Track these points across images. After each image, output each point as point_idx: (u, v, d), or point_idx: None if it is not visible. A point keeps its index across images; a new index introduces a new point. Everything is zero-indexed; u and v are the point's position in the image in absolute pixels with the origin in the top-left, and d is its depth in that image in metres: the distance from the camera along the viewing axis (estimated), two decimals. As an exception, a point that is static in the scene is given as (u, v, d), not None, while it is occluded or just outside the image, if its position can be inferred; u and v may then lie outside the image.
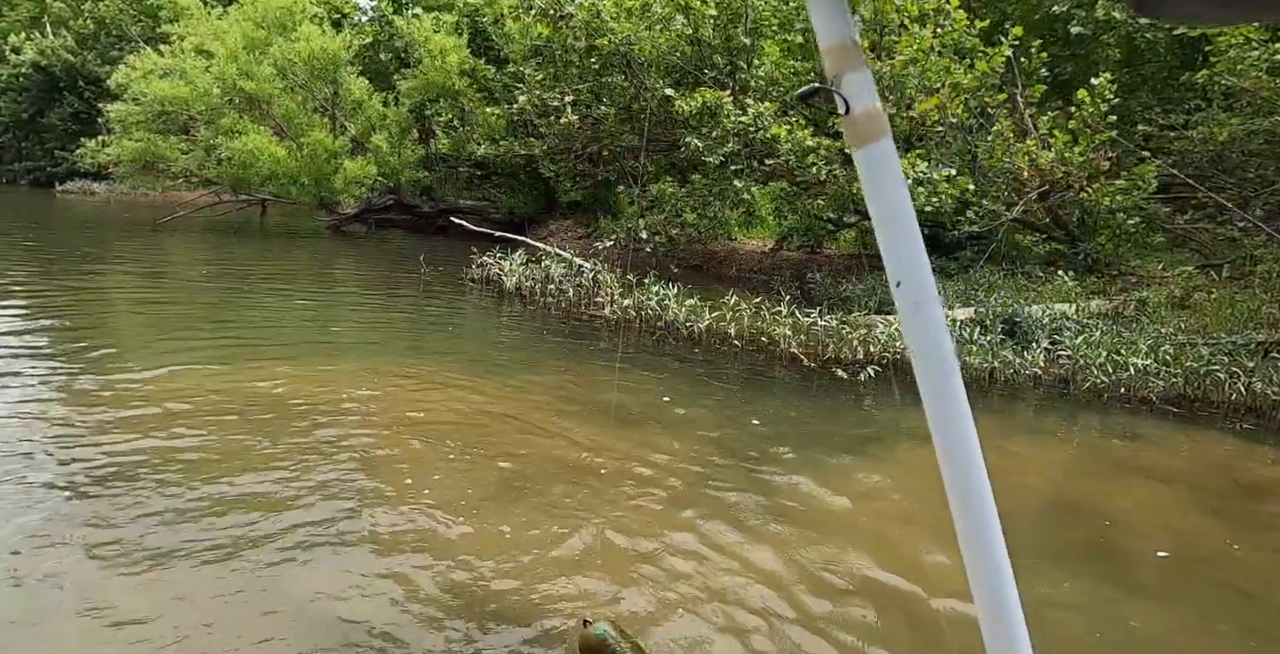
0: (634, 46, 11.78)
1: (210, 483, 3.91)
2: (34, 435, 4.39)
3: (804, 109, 11.41)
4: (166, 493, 3.79)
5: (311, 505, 3.73)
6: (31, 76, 32.99)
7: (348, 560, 3.29)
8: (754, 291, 10.19)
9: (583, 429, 5.09)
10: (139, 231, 17.48)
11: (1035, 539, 3.99)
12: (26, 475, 3.86)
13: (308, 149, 17.18)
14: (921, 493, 4.35)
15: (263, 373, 5.91)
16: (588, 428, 5.11)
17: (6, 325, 7.04)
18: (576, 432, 5.04)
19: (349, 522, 3.62)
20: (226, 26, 18.05)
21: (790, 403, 6.34)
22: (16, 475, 3.85)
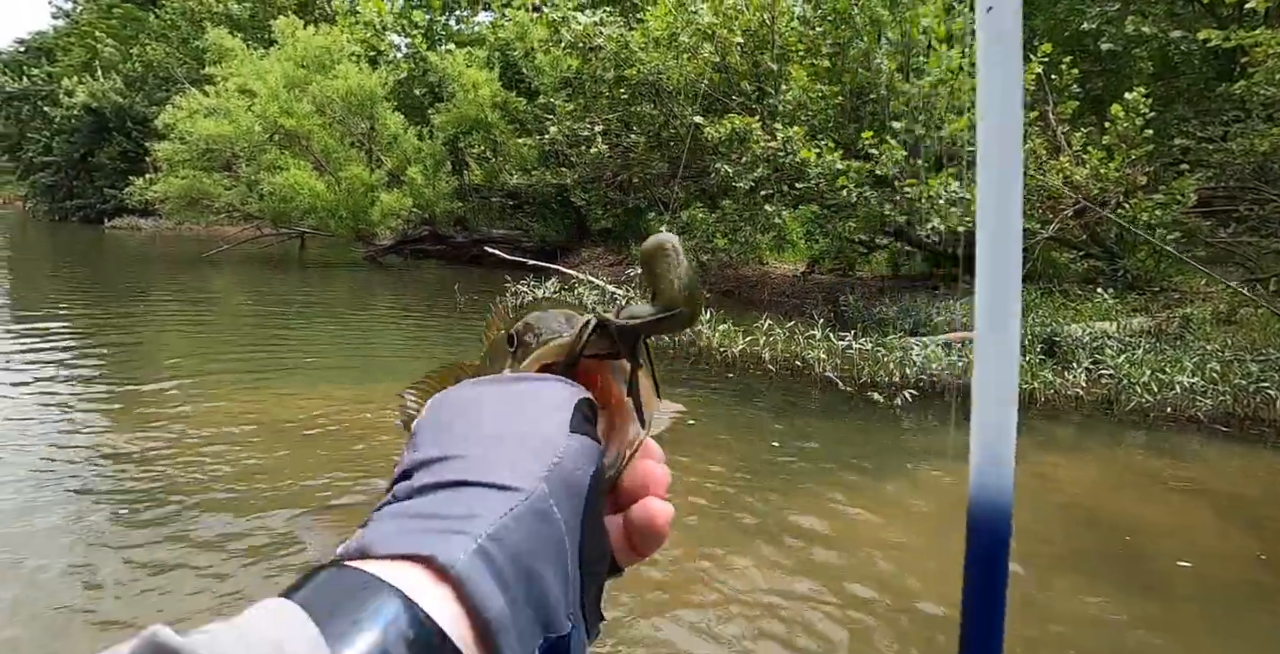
0: (662, 75, 11.96)
1: (247, 500, 4.07)
2: (82, 454, 4.63)
3: (833, 132, 11.46)
4: (209, 508, 3.95)
5: (343, 522, 3.80)
6: (83, 118, 34.38)
7: None
8: (787, 315, 10.17)
9: None
10: (184, 265, 18.02)
11: (1067, 555, 3.92)
12: (72, 490, 4.08)
13: (346, 183, 17.62)
14: (949, 516, 4.28)
15: (302, 396, 6.12)
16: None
17: (62, 353, 7.43)
18: None
19: None
20: (268, 66, 18.66)
21: (823, 427, 6.30)
22: (63, 490, 4.06)
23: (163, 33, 34.47)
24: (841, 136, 11.39)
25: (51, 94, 35.97)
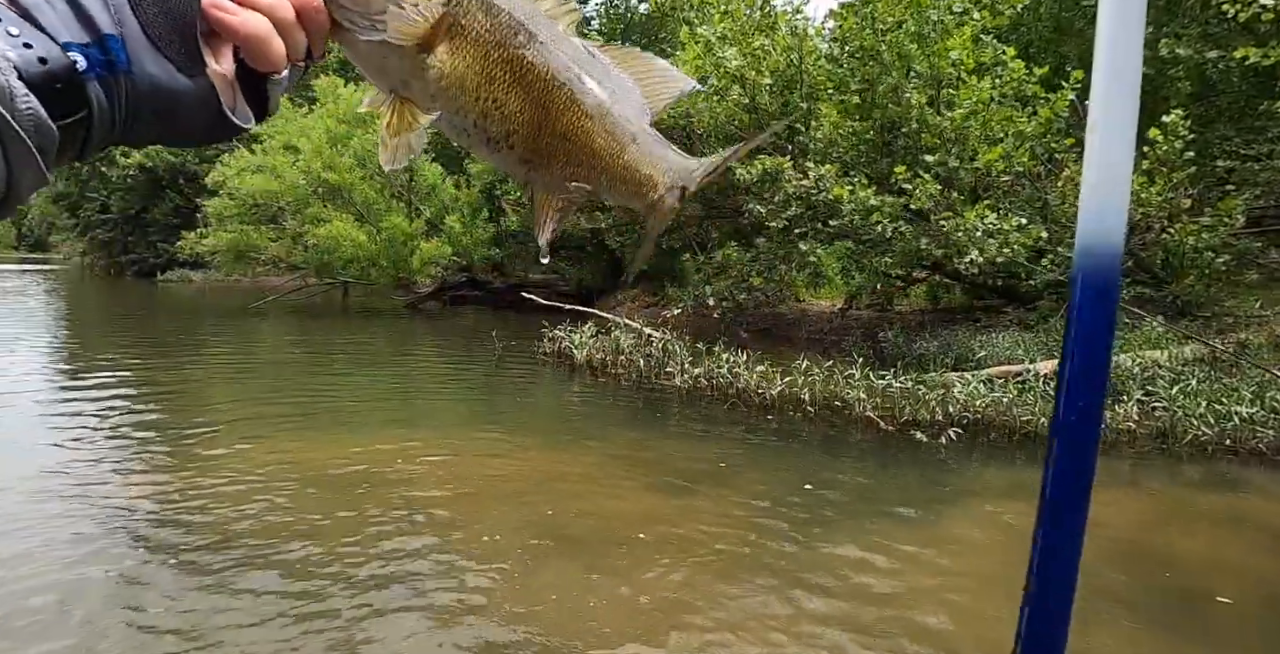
0: (693, 118, 12.12)
1: (291, 544, 4.14)
2: (134, 499, 4.79)
3: (865, 168, 11.45)
4: (253, 554, 4.02)
5: (383, 563, 3.93)
6: (138, 177, 35.86)
7: (413, 616, 3.47)
8: (825, 353, 10.06)
9: (647, 497, 5.11)
10: (233, 316, 18.51)
11: (1103, 589, 3.74)
12: (123, 537, 4.19)
13: (386, 233, 18.06)
14: (992, 557, 4.13)
15: (344, 441, 6.24)
16: (652, 496, 5.12)
17: (117, 401, 7.62)
18: (640, 499, 5.08)
19: (416, 578, 3.84)
20: (311, 124, 19.36)
21: (863, 468, 6.17)
22: (115, 536, 4.17)
23: (213, 95, 35.92)
24: (874, 172, 11.38)
25: (109, 154, 37.60)
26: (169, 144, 0.54)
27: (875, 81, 10.80)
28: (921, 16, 10.22)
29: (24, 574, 3.76)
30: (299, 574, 3.84)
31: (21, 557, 3.95)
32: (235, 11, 0.47)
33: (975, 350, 9.56)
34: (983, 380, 7.63)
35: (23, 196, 0.43)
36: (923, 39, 10.39)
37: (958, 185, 10.13)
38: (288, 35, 0.50)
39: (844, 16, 11.23)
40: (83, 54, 0.43)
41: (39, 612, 3.42)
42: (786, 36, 11.76)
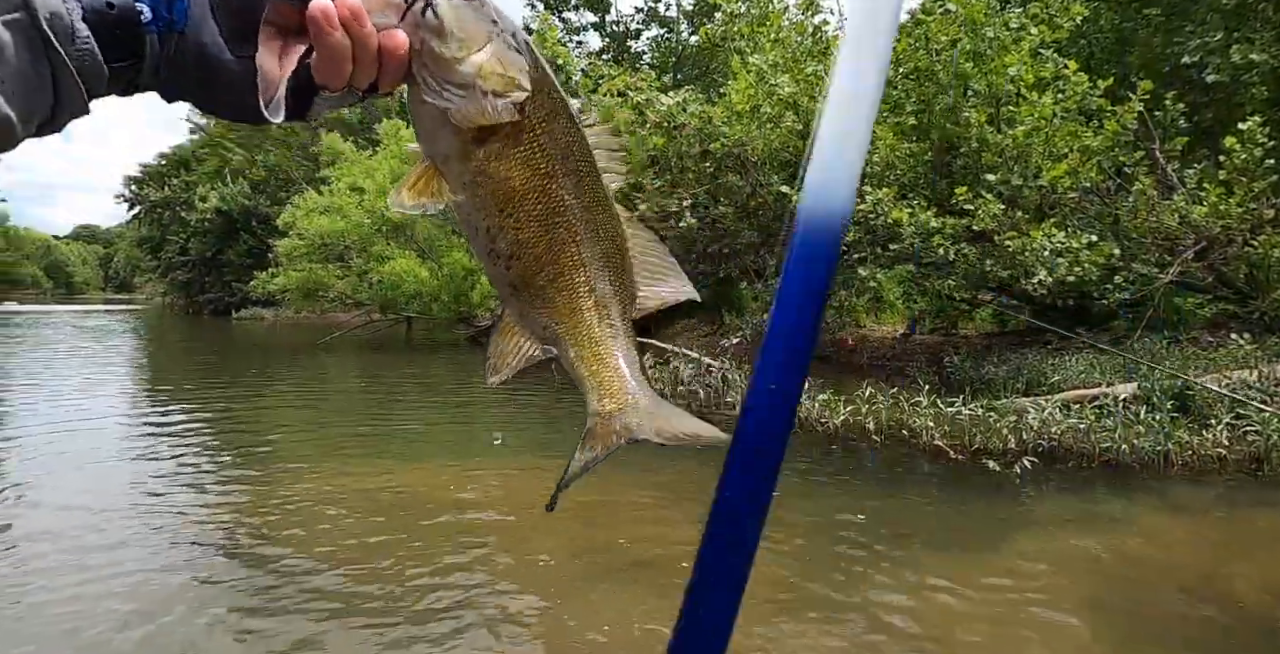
0: (746, 146, 12.12)
1: (353, 561, 4.32)
2: (207, 523, 5.06)
3: (924, 190, 11.25)
4: (315, 571, 4.22)
5: (438, 582, 4.03)
6: (214, 220, 37.61)
7: (463, 636, 3.54)
8: (889, 380, 9.83)
9: (698, 525, 5.02)
10: (302, 351, 19.12)
11: (1161, 617, 3.50)
12: (196, 551, 4.43)
13: (447, 268, 18.47)
14: (1062, 589, 3.92)
15: (407, 467, 6.47)
16: (702, 524, 5.02)
17: (194, 432, 8.07)
18: (692, 527, 5.01)
19: (468, 598, 3.94)
20: (375, 165, 20.04)
21: (928, 498, 5.96)
22: (188, 551, 4.44)
23: (283, 140, 37.66)
24: (933, 193, 11.17)
25: (188, 200, 39.60)
26: (201, 108, 0.55)
27: (931, 102, 10.65)
28: (977, 34, 10.06)
29: (113, 587, 4.02)
30: (358, 591, 3.99)
31: (111, 567, 4.29)
32: (333, 28, 0.49)
33: (1047, 374, 9.22)
34: (1058, 406, 7.32)
35: (61, 125, 0.46)
36: (979, 57, 10.23)
37: (1022, 204, 9.86)
38: (361, 65, 0.52)
39: (897, 38, 11.15)
40: (150, 6, 0.45)
41: (121, 618, 3.67)
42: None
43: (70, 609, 3.76)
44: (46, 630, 3.58)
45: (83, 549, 4.60)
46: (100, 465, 6.83)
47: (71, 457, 7.07)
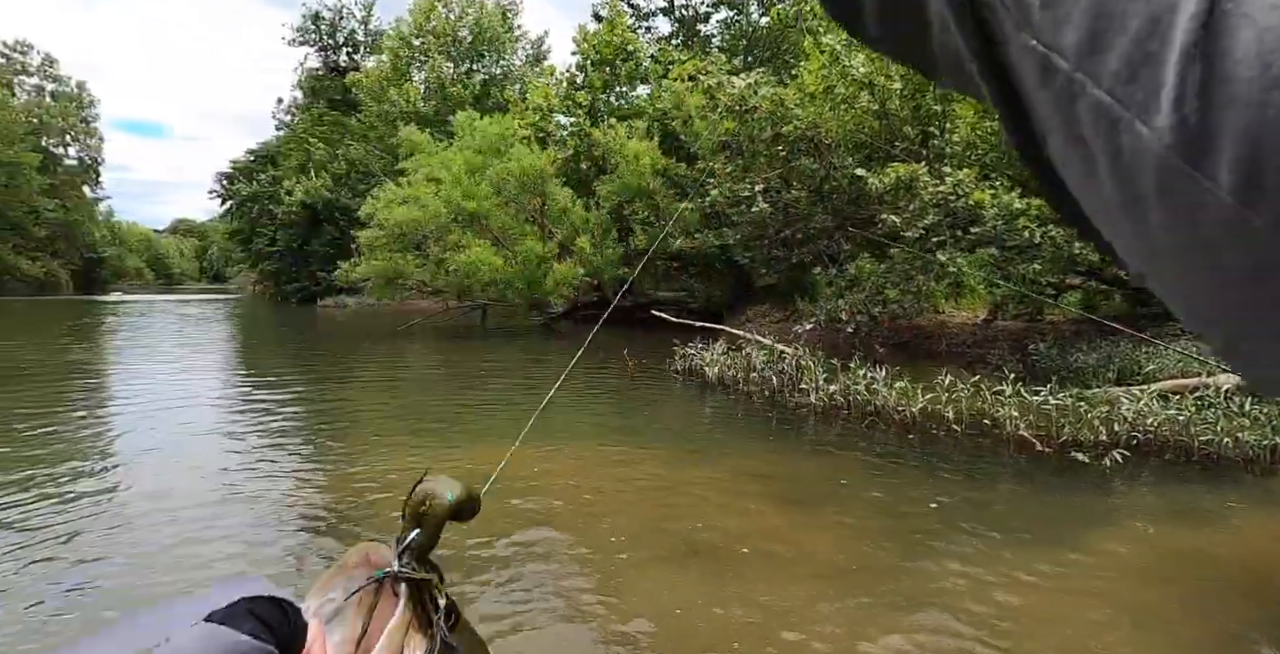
0: (820, 129, 11.87)
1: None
2: (293, 495, 5.31)
3: (1008, 169, 10.81)
4: None
5: (508, 559, 4.08)
6: (300, 213, 39.08)
7: (531, 613, 3.63)
8: (969, 368, 9.52)
9: (768, 511, 5.01)
10: (383, 337, 19.73)
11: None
12: (277, 522, 4.57)
13: (521, 256, 18.74)
14: (1143, 584, 3.71)
15: (481, 448, 6.56)
16: (773, 510, 4.98)
17: (283, 410, 8.53)
18: (761, 513, 5.01)
19: (538, 577, 4.05)
20: (451, 156, 20.43)
21: (1007, 489, 5.74)
22: (270, 521, 4.60)
23: (363, 134, 38.79)
24: (1018, 173, 10.72)
25: (275, 194, 41.21)
26: None
27: (1017, 79, 10.20)
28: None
29: (204, 539, 4.35)
30: None
31: (202, 523, 4.67)
32: None
33: (1142, 363, 8.77)
34: (1154, 396, 6.95)
35: None
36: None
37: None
38: None
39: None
40: None
41: (208, 569, 3.88)
42: (917, 39, 11.31)
43: (167, 558, 4.21)
44: (147, 574, 4.00)
45: (178, 508, 5.07)
46: (197, 437, 7.39)
47: (173, 428, 7.73)
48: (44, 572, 4.00)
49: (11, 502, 5.14)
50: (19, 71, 65.57)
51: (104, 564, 4.15)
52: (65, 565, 4.10)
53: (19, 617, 3.50)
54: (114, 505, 5.19)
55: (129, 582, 3.93)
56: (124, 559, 4.22)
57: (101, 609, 3.64)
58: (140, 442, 7.17)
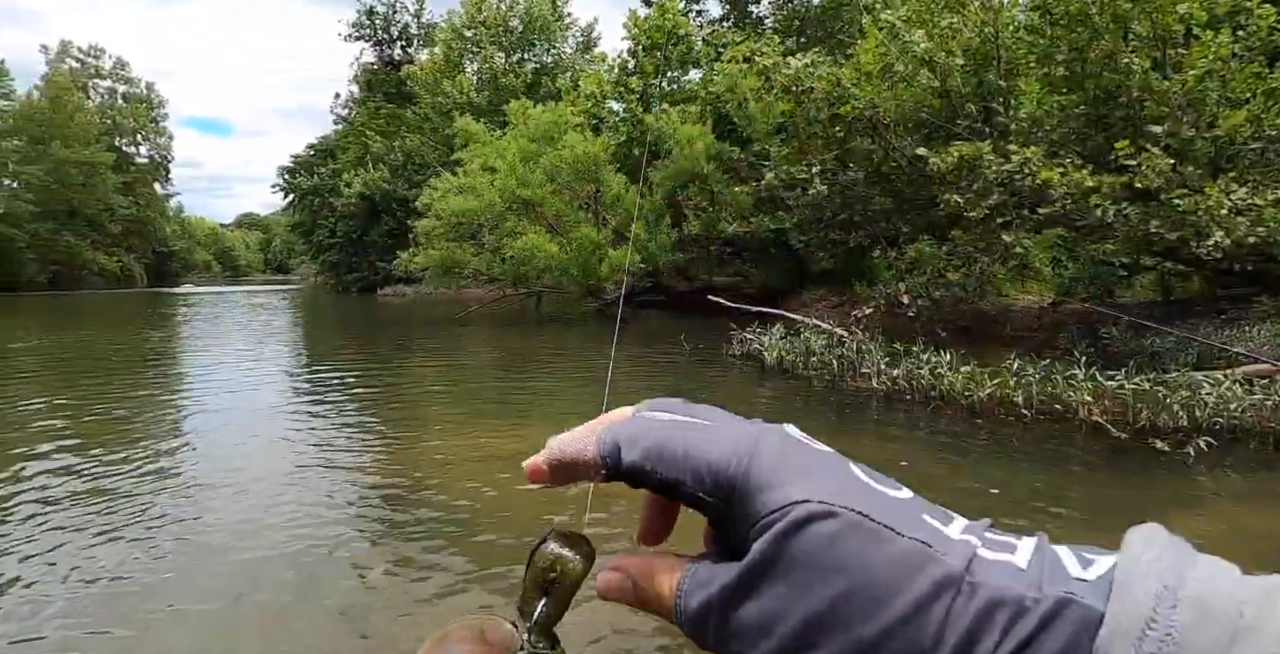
0: (878, 108, 11.59)
1: (482, 514, 4.57)
2: (354, 474, 5.54)
3: (1077, 146, 10.40)
4: (448, 523, 4.49)
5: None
6: (358, 204, 39.95)
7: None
8: (1036, 352, 9.23)
9: None
10: (441, 324, 20.09)
11: None
12: (346, 505, 4.73)
13: (576, 243, 18.81)
14: None
15: (536, 431, 6.58)
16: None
17: (344, 393, 8.81)
18: None
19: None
20: (505, 144, 20.59)
21: (1088, 479, 5.55)
22: (338, 504, 4.68)
23: (418, 126, 39.38)
24: (1088, 150, 10.31)
25: (335, 186, 42.19)
26: None
27: (1085, 49, 9.78)
28: (1139, -30, 9.13)
29: (271, 514, 4.51)
30: (486, 536, 4.25)
31: (269, 496, 4.86)
32: None
33: (1227, 345, 8.38)
34: (1237, 381, 6.64)
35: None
36: (1141, -4, 9.28)
37: (1193, 157, 8.95)
38: None
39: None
40: None
41: (275, 540, 4.24)
42: (979, 11, 10.93)
43: (235, 529, 4.42)
44: (217, 542, 4.23)
45: (246, 482, 5.35)
46: (268, 415, 7.84)
47: (243, 409, 8.20)
48: (140, 535, 4.18)
49: (106, 472, 5.45)
50: (92, 75, 68.27)
51: (185, 527, 4.41)
52: (153, 528, 4.34)
53: (124, 564, 3.70)
54: (192, 477, 5.50)
55: (209, 541, 4.13)
56: (204, 524, 4.45)
57: (185, 562, 3.92)
58: (216, 419, 7.66)
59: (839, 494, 0.35)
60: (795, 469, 0.36)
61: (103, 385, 9.86)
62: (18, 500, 4.92)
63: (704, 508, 0.38)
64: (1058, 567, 0.32)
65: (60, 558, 3.98)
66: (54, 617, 3.33)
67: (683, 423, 0.40)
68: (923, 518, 0.35)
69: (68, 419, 7.58)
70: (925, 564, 0.32)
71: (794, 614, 0.33)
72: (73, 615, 3.34)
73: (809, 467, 0.36)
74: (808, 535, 0.34)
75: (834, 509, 0.34)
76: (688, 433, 0.39)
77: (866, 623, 0.32)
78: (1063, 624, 0.29)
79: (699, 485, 0.37)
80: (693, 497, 0.38)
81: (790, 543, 0.34)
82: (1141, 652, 0.27)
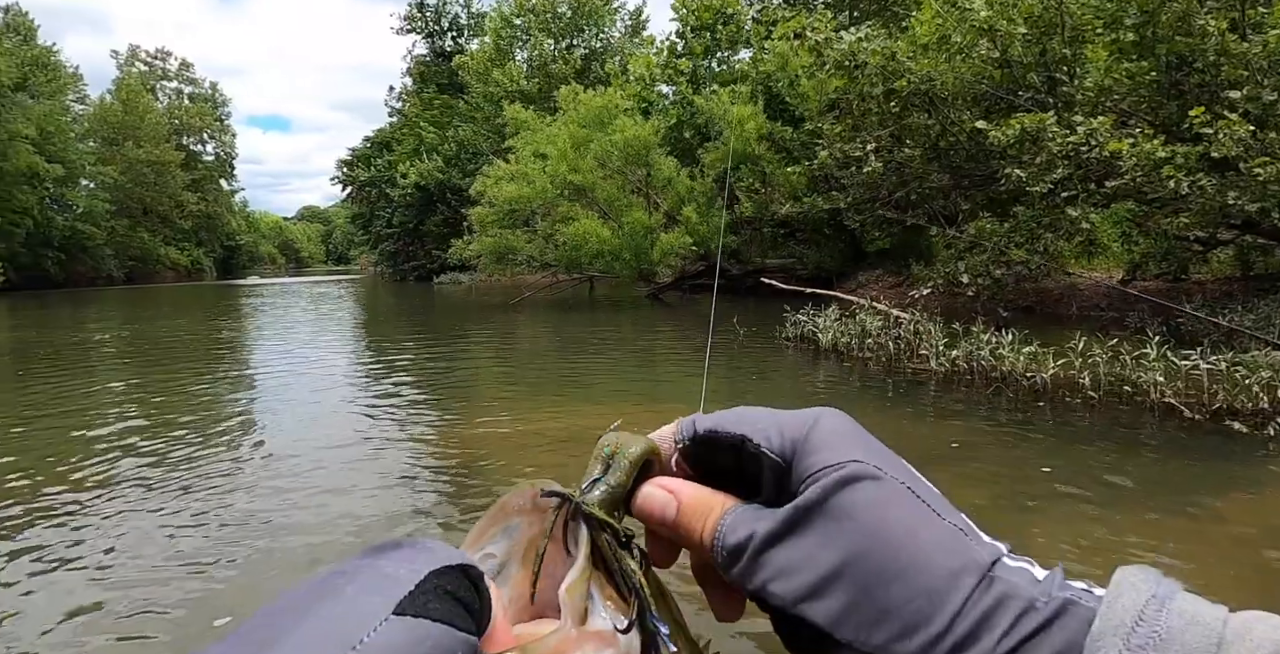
0: (935, 82, 11.24)
1: None
2: (411, 451, 5.69)
3: (1148, 115, 9.93)
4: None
5: None
6: (414, 194, 40.63)
7: None
8: (1104, 331, 8.89)
9: None
10: (495, 310, 20.36)
11: None
12: (403, 482, 4.72)
13: (628, 227, 18.81)
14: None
15: (589, 413, 6.71)
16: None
17: (404, 377, 9.08)
18: None
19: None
20: (556, 130, 20.64)
21: (1159, 463, 5.32)
22: (396, 482, 4.72)
23: (470, 115, 39.75)
24: (1159, 118, 9.84)
25: (391, 177, 42.96)
26: None
27: (1156, 12, 9.30)
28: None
29: (341, 508, 4.54)
30: None
31: (336, 491, 4.88)
32: None
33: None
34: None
35: None
36: (1220, -47, 8.78)
37: (1275, 124, 8.45)
38: None
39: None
40: None
41: (351, 512, 4.41)
42: (1042, -23, 10.47)
43: (315, 501, 4.66)
44: (298, 513, 4.44)
45: (321, 458, 5.59)
46: (334, 397, 8.25)
47: (309, 391, 8.69)
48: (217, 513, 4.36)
49: (185, 455, 5.68)
50: (160, 77, 70.72)
51: (258, 502, 4.60)
52: (227, 504, 4.53)
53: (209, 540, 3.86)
54: (262, 456, 5.75)
55: (280, 519, 4.27)
56: (273, 502, 4.60)
57: (258, 537, 4.08)
58: (286, 402, 8.08)
59: (889, 466, 0.38)
60: (852, 438, 0.40)
61: (181, 369, 10.62)
62: (110, 476, 5.22)
63: (761, 469, 0.40)
64: (1066, 584, 0.34)
65: (144, 526, 4.23)
66: (139, 584, 3.51)
67: (750, 408, 0.45)
68: (959, 513, 0.37)
69: (152, 399, 8.31)
70: (958, 547, 0.35)
71: (821, 562, 0.35)
72: (155, 584, 3.51)
73: (866, 440, 0.40)
74: (854, 491, 0.36)
75: (883, 476, 0.37)
76: (755, 409, 0.44)
77: (888, 586, 0.34)
78: (1066, 620, 0.31)
79: (766, 442, 0.40)
80: (756, 453, 0.40)
81: (837, 495, 0.36)
82: (1130, 645, 0.29)
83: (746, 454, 0.41)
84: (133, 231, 53.53)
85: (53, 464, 5.59)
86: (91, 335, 16.10)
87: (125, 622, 3.22)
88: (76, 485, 5.05)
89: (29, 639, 3.10)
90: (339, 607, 0.29)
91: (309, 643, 0.27)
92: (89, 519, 4.43)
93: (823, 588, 0.35)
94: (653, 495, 0.44)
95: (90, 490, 4.93)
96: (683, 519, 0.42)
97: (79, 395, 8.70)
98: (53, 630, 3.16)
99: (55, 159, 43.54)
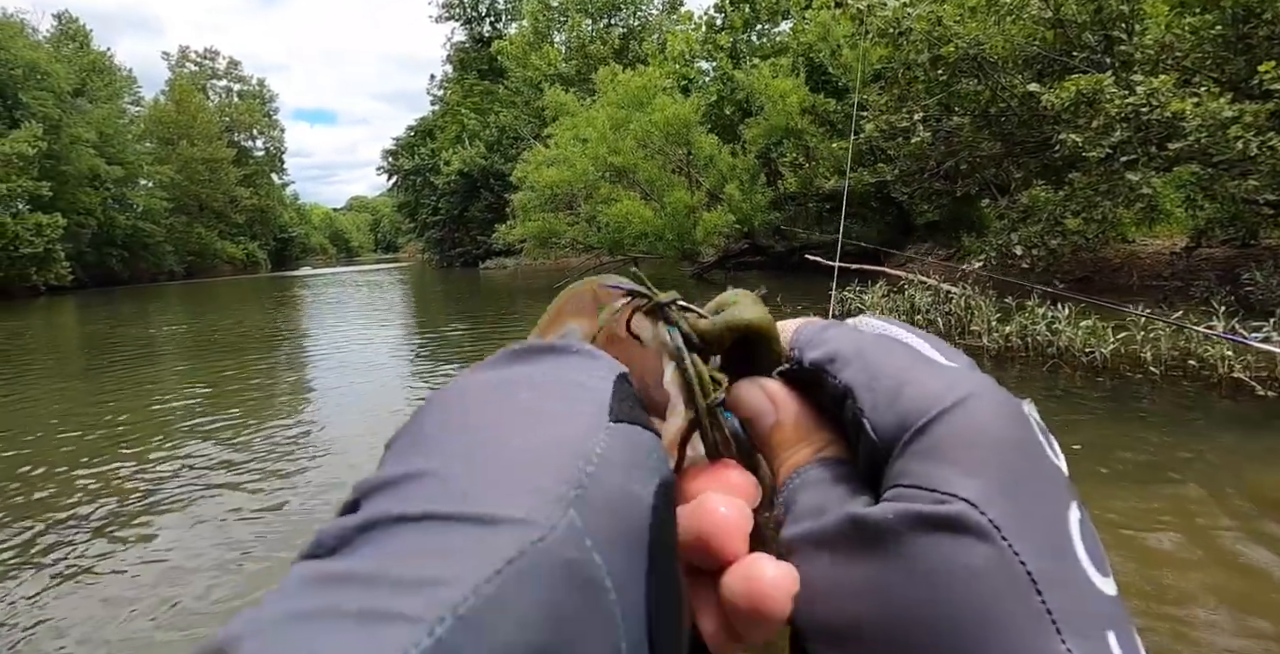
0: (983, 46, 10.83)
1: None
2: None
3: (1213, 72, 9.42)
4: None
5: None
6: (458, 181, 41.01)
7: None
8: (1167, 302, 8.52)
9: None
10: (541, 293, 20.49)
11: None
12: None
13: (670, 207, 18.66)
14: None
15: None
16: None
17: (452, 360, 9.69)
18: None
19: None
20: (595, 113, 20.53)
21: (1225, 441, 5.07)
22: None
23: (510, 100, 39.79)
24: (1226, 76, 9.33)
25: (435, 165, 43.40)
26: None
27: (1223, -39, 8.78)
28: None
29: None
30: None
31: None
32: None
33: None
34: None
35: None
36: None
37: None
38: None
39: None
40: None
41: None
42: (1097, -70, 9.97)
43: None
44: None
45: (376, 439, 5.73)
46: (387, 380, 8.87)
47: (368, 375, 9.27)
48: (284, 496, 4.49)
49: (248, 441, 6.02)
50: (210, 76, 72.36)
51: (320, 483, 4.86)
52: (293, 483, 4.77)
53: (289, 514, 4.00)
54: (323, 438, 6.13)
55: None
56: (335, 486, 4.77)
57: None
58: (342, 388, 8.61)
59: (1018, 524, 0.25)
60: (992, 454, 0.27)
61: (241, 357, 11.29)
62: (176, 464, 5.54)
63: (859, 436, 0.30)
64: None
65: (208, 514, 4.45)
66: (205, 569, 3.62)
67: (896, 340, 0.34)
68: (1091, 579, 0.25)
69: (215, 387, 8.94)
70: None
71: (848, 606, 0.27)
72: (223, 568, 3.62)
73: (1013, 462, 0.27)
74: (940, 545, 0.25)
75: (998, 540, 0.25)
76: (891, 343, 0.33)
77: None
78: None
79: (871, 408, 0.30)
80: (857, 415, 0.30)
81: (914, 539, 0.26)
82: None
83: (846, 407, 0.31)
84: (190, 228, 55.10)
85: (161, 442, 6.25)
86: (159, 327, 16.66)
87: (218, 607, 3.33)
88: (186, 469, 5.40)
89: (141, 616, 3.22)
90: (559, 418, 0.27)
91: (546, 449, 0.25)
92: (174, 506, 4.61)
93: (842, 635, 0.27)
94: (751, 394, 0.35)
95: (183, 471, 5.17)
96: (774, 438, 0.34)
97: (156, 384, 9.32)
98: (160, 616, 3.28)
99: (115, 160, 44.92)
